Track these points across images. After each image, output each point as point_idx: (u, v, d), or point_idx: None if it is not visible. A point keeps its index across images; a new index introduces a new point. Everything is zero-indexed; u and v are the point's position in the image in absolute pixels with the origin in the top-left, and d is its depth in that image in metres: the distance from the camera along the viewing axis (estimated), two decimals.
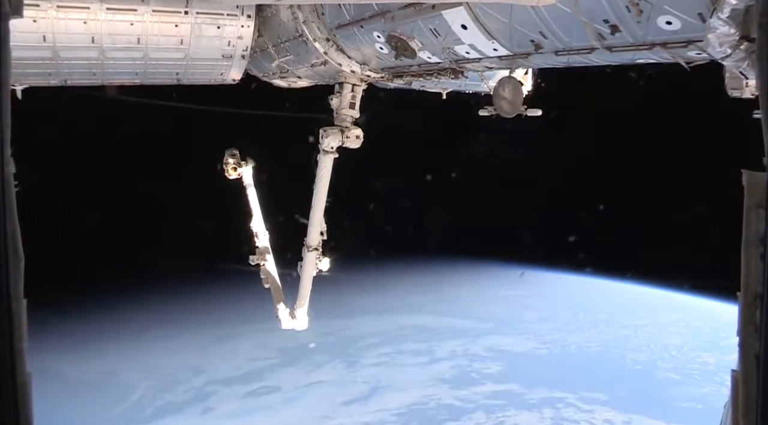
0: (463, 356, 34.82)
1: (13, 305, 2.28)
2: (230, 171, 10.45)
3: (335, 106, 8.51)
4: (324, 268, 9.74)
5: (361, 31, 6.29)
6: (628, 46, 3.95)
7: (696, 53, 3.65)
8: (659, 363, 34.41)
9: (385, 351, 35.10)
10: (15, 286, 2.29)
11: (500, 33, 4.70)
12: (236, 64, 8.34)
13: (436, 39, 5.35)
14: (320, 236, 9.58)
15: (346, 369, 33.19)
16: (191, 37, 7.55)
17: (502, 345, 36.10)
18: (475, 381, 31.94)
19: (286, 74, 9.11)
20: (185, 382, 30.90)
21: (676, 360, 34.79)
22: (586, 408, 29.29)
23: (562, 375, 31.98)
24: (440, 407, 29.48)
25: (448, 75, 6.15)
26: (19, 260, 2.32)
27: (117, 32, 7.02)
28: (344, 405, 29.54)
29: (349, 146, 8.56)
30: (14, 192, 2.39)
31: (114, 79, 7.97)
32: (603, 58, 4.28)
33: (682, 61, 3.80)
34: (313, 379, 31.70)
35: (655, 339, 37.60)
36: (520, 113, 5.51)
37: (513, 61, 5.05)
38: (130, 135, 32.41)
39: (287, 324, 10.20)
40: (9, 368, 2.23)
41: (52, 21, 6.54)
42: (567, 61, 4.52)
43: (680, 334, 38.41)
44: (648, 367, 33.91)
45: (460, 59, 5.51)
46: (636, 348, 36.46)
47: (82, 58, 7.19)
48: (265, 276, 10.32)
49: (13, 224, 2.33)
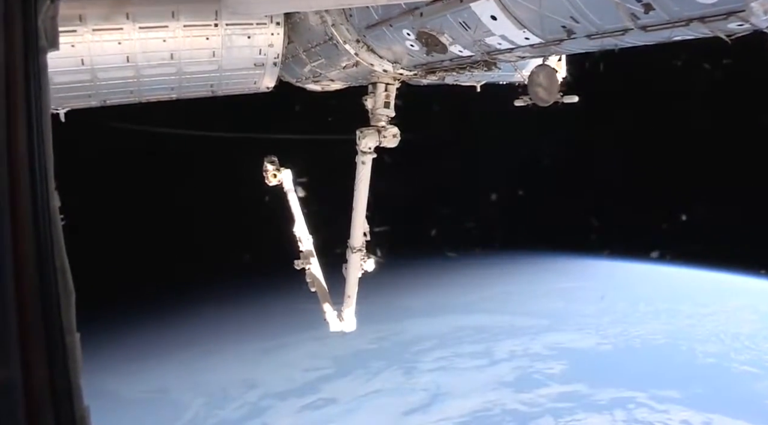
0: (524, 356, 34.44)
1: (66, 339, 2.33)
2: (270, 178, 10.86)
3: (370, 106, 8.70)
4: (369, 269, 9.97)
5: (391, 29, 6.43)
6: (663, 24, 3.95)
7: (737, 25, 3.62)
8: (733, 355, 33.24)
9: (442, 355, 34.94)
10: (67, 320, 2.34)
11: (531, 21, 4.77)
12: (269, 71, 8.63)
13: (466, 32, 5.44)
14: (363, 236, 9.79)
15: (403, 375, 33.15)
16: (222, 48, 7.87)
17: (563, 342, 35.56)
18: (539, 383, 31.56)
19: (319, 78, 9.34)
20: (238, 397, 31.22)
21: (750, 351, 33.50)
22: (660, 408, 28.49)
23: (629, 372, 31.27)
24: (505, 413, 29.20)
25: (481, 68, 6.22)
26: (69, 294, 2.38)
27: (150, 50, 7.39)
28: (405, 415, 29.50)
29: (386, 146, 8.74)
30: (61, 226, 2.45)
31: (150, 96, 8.37)
32: (638, 39, 4.30)
33: (723, 34, 3.79)
34: (370, 388, 31.74)
35: (723, 328, 36.34)
36: (556, 101, 5.55)
37: (546, 49, 5.11)
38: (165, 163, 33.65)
39: (335, 327, 10.48)
40: (68, 403, 2.26)
41: (89, 44, 6.94)
42: (601, 44, 4.55)
43: (750, 321, 36.99)
44: (721, 360, 32.83)
45: (491, 51, 5.58)
46: (705, 338, 35.36)
47: (118, 78, 7.60)
48: (310, 280, 10.63)
49: (61, 258, 2.39)
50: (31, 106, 2.42)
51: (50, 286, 2.32)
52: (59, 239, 2.43)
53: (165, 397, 31.14)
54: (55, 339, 2.29)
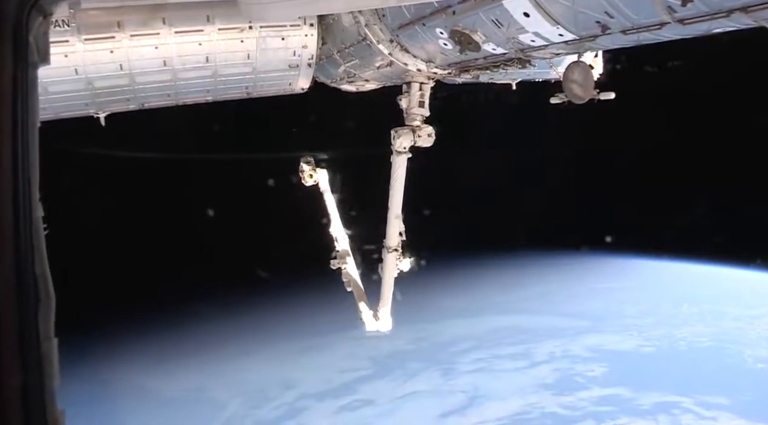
0: (564, 357, 33.86)
1: (43, 344, 2.39)
2: (306, 178, 11.02)
3: (405, 106, 8.73)
4: (405, 268, 9.99)
5: (423, 28, 6.44)
6: (702, 16, 3.84)
7: None
8: None
9: (480, 356, 34.59)
10: (45, 326, 2.41)
11: (564, 17, 4.72)
12: (303, 72, 8.75)
13: (499, 30, 5.41)
14: (399, 236, 9.83)
15: (441, 377, 32.87)
16: (257, 50, 8.02)
17: (604, 344, 34.83)
18: (580, 386, 30.96)
19: (354, 78, 9.40)
20: (276, 397, 31.39)
21: None
22: (707, 415, 27.55)
23: (674, 376, 30.38)
24: (545, 416, 28.69)
25: (515, 65, 6.20)
26: (49, 299, 2.45)
27: (186, 53, 7.59)
28: (442, 417, 29.23)
29: (421, 145, 8.75)
30: (43, 235, 2.53)
31: (187, 99, 8.57)
32: (675, 33, 4.21)
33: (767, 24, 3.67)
34: (407, 390, 31.58)
35: None
36: (592, 98, 5.49)
37: (580, 45, 5.05)
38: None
39: (371, 326, 10.57)
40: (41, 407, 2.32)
41: (127, 50, 7.17)
42: (637, 39, 4.48)
43: None
44: None
45: (525, 48, 5.55)
46: (754, 342, 34.03)
47: (156, 82, 7.83)
48: (347, 279, 10.73)
49: (42, 266, 2.46)
50: (17, 118, 2.48)
51: (28, 293, 2.39)
52: (41, 247, 2.50)
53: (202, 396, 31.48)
54: (31, 345, 2.35)
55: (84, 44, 6.91)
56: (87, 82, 7.29)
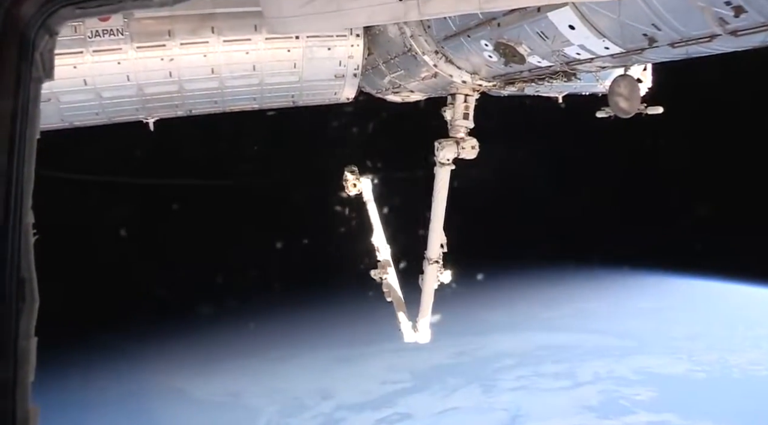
0: (609, 379, 32.87)
1: (20, 342, 2.51)
2: (350, 187, 11.11)
3: (449, 117, 8.74)
4: (445, 280, 9.97)
5: (468, 40, 6.46)
6: (757, 27, 3.69)
7: None
8: None
9: (523, 374, 33.84)
10: (26, 325, 2.54)
11: (610, 30, 4.66)
12: (349, 82, 8.87)
13: (544, 42, 5.39)
14: (441, 248, 9.81)
15: (482, 393, 32.30)
16: (303, 60, 8.18)
17: (652, 367, 33.56)
18: (626, 410, 30.02)
19: (399, 89, 9.49)
20: (312, 407, 31.23)
21: None
22: None
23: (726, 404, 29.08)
24: None
25: (560, 78, 6.15)
26: (33, 301, 2.57)
27: (234, 62, 7.81)
28: None
29: (465, 157, 8.73)
30: (32, 241, 2.65)
31: (234, 106, 8.80)
32: (726, 45, 4.09)
33: None
34: (447, 405, 31.11)
35: None
36: (639, 112, 5.40)
37: (627, 58, 4.97)
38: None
39: (410, 337, 10.56)
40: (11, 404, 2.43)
41: (177, 58, 7.40)
42: (686, 52, 4.38)
43: None
44: None
45: (570, 61, 5.50)
46: None
47: (204, 89, 8.09)
48: (387, 290, 10.76)
49: (29, 270, 2.59)
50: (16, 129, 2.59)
51: (10, 294, 2.50)
52: (28, 251, 2.62)
53: (237, 401, 31.54)
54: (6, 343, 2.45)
55: (136, 52, 7.18)
56: (138, 88, 7.57)
